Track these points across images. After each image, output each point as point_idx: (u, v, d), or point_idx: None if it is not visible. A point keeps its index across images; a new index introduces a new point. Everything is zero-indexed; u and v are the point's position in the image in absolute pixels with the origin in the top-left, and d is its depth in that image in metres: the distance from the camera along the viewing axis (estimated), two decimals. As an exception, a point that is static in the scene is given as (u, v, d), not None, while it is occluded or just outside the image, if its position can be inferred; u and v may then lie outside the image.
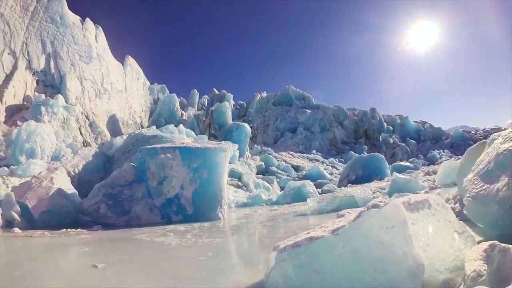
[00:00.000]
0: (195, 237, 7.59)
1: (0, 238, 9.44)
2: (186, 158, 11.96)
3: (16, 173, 18.56)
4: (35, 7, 34.02)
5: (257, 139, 51.66)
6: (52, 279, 5.03)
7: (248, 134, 36.48)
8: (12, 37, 30.81)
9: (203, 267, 4.84)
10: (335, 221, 3.20)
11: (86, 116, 33.27)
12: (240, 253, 6.36)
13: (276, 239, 6.54)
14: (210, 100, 60.17)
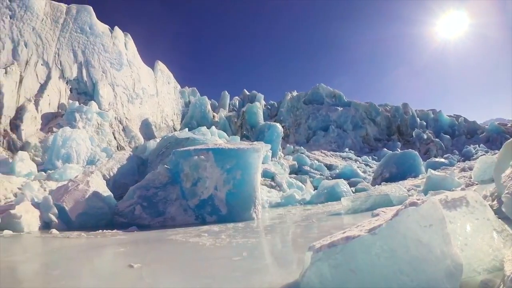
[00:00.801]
0: (229, 237, 7.58)
1: (39, 239, 9.67)
2: (220, 159, 11.95)
3: (53, 177, 19.05)
4: (65, 19, 35.16)
5: (289, 139, 51.33)
6: (89, 278, 5.11)
7: (280, 134, 36.35)
8: (44, 48, 31.89)
9: (237, 267, 4.82)
10: (371, 220, 3.14)
11: (120, 121, 33.87)
12: (274, 253, 6.30)
13: (310, 239, 6.47)
14: (241, 101, 60.21)
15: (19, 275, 5.67)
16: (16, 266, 6.26)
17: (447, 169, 23.61)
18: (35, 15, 32.40)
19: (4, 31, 29.98)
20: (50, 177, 19.35)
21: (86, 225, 11.49)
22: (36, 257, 7.25)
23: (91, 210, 11.93)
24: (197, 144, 17.21)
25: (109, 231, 10.05)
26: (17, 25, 30.99)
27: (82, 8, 36.94)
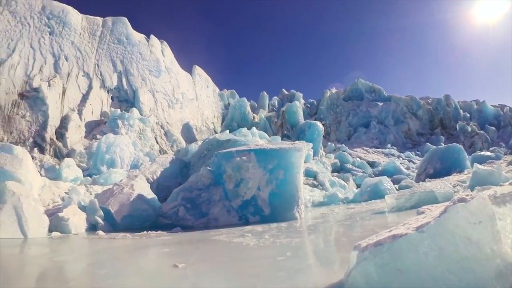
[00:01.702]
0: (273, 237, 7.53)
1: (85, 240, 9.91)
2: (262, 159, 11.92)
3: (98, 182, 19.57)
4: (102, 31, 36.59)
5: (330, 137, 50.70)
6: (134, 277, 5.17)
7: (320, 132, 36.02)
8: (84, 60, 33.18)
9: (281, 267, 4.78)
10: (418, 218, 3.05)
11: (161, 125, 34.42)
12: (318, 253, 6.25)
13: (354, 238, 6.37)
14: (280, 101, 60.01)
15: (67, 274, 5.83)
16: (64, 265, 6.44)
17: (494, 163, 22.77)
18: (72, 30, 34.00)
19: (45, 47, 31.45)
20: (96, 181, 19.90)
21: (131, 226, 11.72)
22: (83, 257, 7.43)
23: (136, 212, 12.18)
24: (239, 145, 17.24)
25: (154, 232, 10.19)
26: (57, 40, 32.49)
27: (117, 20, 38.14)
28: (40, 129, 26.99)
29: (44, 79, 29.55)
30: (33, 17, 32.52)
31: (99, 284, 4.74)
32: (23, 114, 27.16)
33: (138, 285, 4.69)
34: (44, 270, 6.16)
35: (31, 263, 6.96)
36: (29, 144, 26.04)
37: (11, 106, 27.21)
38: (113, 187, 13.20)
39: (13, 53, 29.45)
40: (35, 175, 15.95)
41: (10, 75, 28.49)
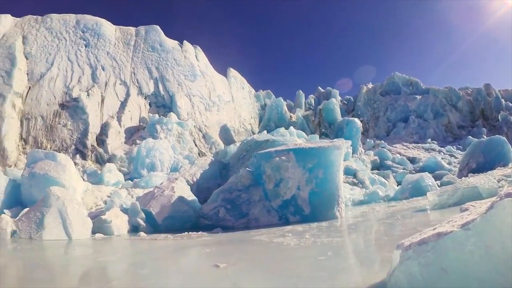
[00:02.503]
0: (314, 237, 7.47)
1: (127, 241, 10.13)
2: (301, 159, 11.82)
3: (139, 185, 19.92)
4: (135, 40, 37.48)
5: (368, 133, 49.63)
6: (176, 277, 5.24)
7: (359, 129, 35.45)
8: (120, 69, 34.14)
9: (323, 267, 4.74)
10: (463, 215, 2.95)
11: (199, 128, 34.74)
12: (359, 252, 6.17)
13: (396, 237, 6.25)
14: (316, 99, 59.38)
15: (110, 274, 5.95)
16: (108, 265, 6.58)
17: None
18: (107, 41, 35.17)
19: (82, 59, 32.65)
20: (137, 185, 20.29)
21: (172, 228, 11.86)
22: (125, 257, 7.57)
23: (176, 213, 12.34)
24: (277, 145, 17.16)
25: (195, 233, 10.30)
26: (93, 52, 33.65)
27: (150, 29, 38.90)
28: (81, 136, 27.84)
29: (83, 89, 30.59)
30: (69, 32, 33.99)
31: (142, 283, 4.82)
32: (64, 123, 28.11)
33: (180, 284, 4.74)
34: (88, 270, 6.32)
35: (76, 263, 7.16)
36: (71, 151, 26.87)
37: (52, 116, 28.28)
38: (154, 190, 13.46)
39: (52, 66, 30.77)
40: (78, 180, 16.40)
41: (50, 87, 29.69)
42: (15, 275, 6.24)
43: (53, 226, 9.98)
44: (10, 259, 7.64)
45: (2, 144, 25.08)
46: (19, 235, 10.04)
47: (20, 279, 5.79)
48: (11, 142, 25.74)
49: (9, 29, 32.05)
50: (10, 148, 25.32)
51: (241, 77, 49.14)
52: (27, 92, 28.82)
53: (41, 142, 26.93)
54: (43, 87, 29.31)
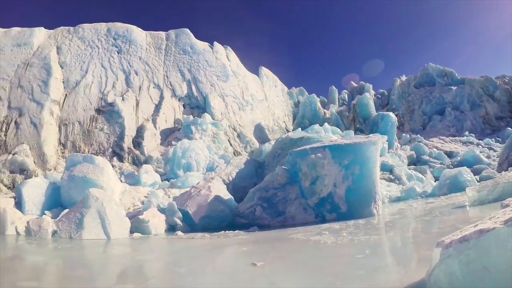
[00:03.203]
0: (351, 234, 7.37)
1: (165, 240, 10.27)
2: (337, 155, 11.66)
3: (176, 185, 20.21)
4: (166, 44, 38.25)
5: (404, 128, 48.41)
6: (213, 275, 5.27)
7: (394, 123, 34.80)
8: (153, 73, 34.95)
9: (360, 265, 4.67)
10: (506, 211, 2.86)
11: (233, 128, 34.90)
12: (397, 251, 6.09)
13: (434, 235, 6.13)
14: (350, 94, 58.64)
15: (149, 272, 6.04)
16: (146, 264, 6.68)
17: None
18: (139, 46, 36.19)
19: (115, 65, 33.80)
20: (173, 185, 20.60)
21: (208, 227, 11.99)
22: (163, 256, 7.68)
23: (213, 213, 12.46)
24: (312, 142, 17.02)
25: (231, 232, 10.33)
26: (125, 58, 34.77)
27: (180, 32, 39.51)
28: (117, 139, 28.55)
29: (117, 94, 31.57)
30: (100, 40, 35.32)
31: (179, 281, 4.88)
32: (101, 127, 28.93)
33: (217, 282, 4.77)
34: (126, 268, 6.44)
35: (114, 262, 7.32)
36: (108, 154, 27.56)
37: (89, 121, 29.28)
38: (191, 190, 13.62)
39: (86, 74, 32.06)
40: (115, 182, 16.76)
41: (86, 93, 30.87)
42: (56, 273, 6.42)
43: (92, 226, 10.25)
44: (51, 258, 7.88)
45: (42, 149, 26.07)
46: (60, 234, 10.37)
47: (61, 277, 5.95)
48: (50, 147, 26.70)
49: (43, 41, 33.78)
50: (49, 153, 26.27)
51: (273, 75, 49.12)
52: (63, 99, 30.06)
53: (79, 146, 27.79)
54: (79, 94, 30.53)
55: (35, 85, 29.70)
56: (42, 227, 10.61)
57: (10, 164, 25.08)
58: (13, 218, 11.56)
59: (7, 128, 27.37)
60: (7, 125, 27.53)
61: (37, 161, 25.85)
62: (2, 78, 30.09)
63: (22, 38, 33.06)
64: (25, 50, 32.23)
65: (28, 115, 27.83)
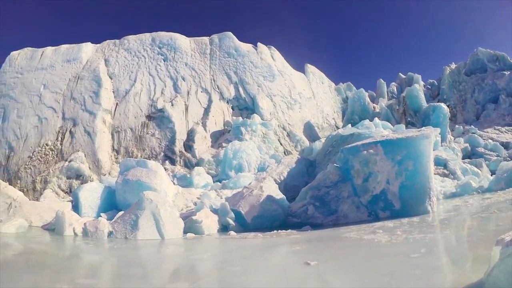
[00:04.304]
0: (405, 233, 7.22)
1: (218, 240, 10.44)
2: (389, 151, 11.39)
3: (227, 186, 20.44)
4: (211, 49, 38.84)
5: (456, 119, 46.15)
6: (266, 274, 5.30)
7: (446, 115, 33.60)
8: (200, 78, 35.74)
9: (416, 265, 4.58)
10: None
11: (283, 127, 34.93)
12: (454, 249, 5.92)
13: (492, 233, 5.96)
14: (398, 86, 57.01)
15: (203, 270, 6.17)
16: (199, 263, 6.82)
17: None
18: (184, 53, 37.14)
19: (162, 72, 34.99)
20: (225, 186, 20.85)
21: (261, 226, 12.08)
22: (216, 255, 7.80)
23: (265, 212, 12.54)
24: (363, 138, 16.70)
25: (284, 231, 10.37)
26: (172, 65, 35.83)
27: (223, 36, 39.99)
28: (169, 143, 29.32)
29: (166, 100, 32.61)
30: (146, 49, 36.77)
31: (233, 280, 4.95)
32: (152, 132, 29.85)
33: (271, 281, 4.81)
34: (180, 267, 6.61)
35: (169, 261, 7.51)
36: (160, 157, 28.35)
37: (141, 127, 30.42)
38: (243, 190, 13.80)
39: (135, 82, 33.61)
40: (168, 184, 17.17)
41: (136, 101, 32.29)
42: (112, 271, 6.68)
43: (147, 227, 10.62)
44: (108, 257, 8.19)
45: (96, 156, 27.31)
46: (115, 235, 10.82)
47: (117, 275, 6.19)
48: (104, 154, 27.92)
49: (91, 55, 36.06)
50: (103, 159, 27.46)
51: (319, 72, 48.74)
52: (115, 108, 31.73)
53: (132, 151, 28.81)
54: (129, 102, 32.02)
55: (87, 96, 31.60)
56: (99, 228, 11.08)
57: (67, 170, 26.44)
58: (71, 220, 12.16)
59: (62, 138, 29.22)
60: (62, 135, 29.41)
61: (92, 167, 27.04)
62: (55, 92, 32.58)
63: (71, 54, 35.56)
64: (75, 65, 34.65)
65: (82, 125, 29.51)
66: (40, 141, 29.85)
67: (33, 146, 29.71)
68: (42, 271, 6.14)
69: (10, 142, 30.25)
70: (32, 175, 27.81)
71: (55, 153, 28.70)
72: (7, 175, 28.40)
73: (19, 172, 28.35)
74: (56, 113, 31.13)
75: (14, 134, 30.64)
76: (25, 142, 30.10)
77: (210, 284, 4.96)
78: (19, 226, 12.21)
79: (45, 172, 27.40)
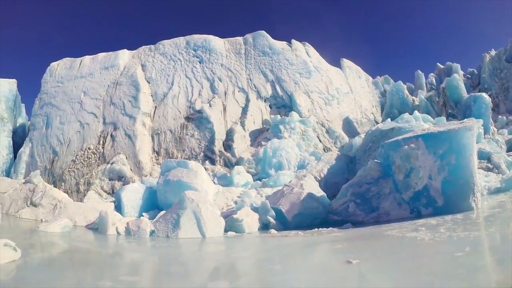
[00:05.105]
0: (449, 230, 7.03)
1: (258, 238, 10.53)
2: (431, 145, 11.01)
3: (267, 185, 20.53)
4: (245, 48, 38.78)
5: (499, 109, 44.74)
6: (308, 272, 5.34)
7: (488, 105, 32.22)
8: (236, 78, 35.85)
9: (460, 264, 4.50)
10: None
11: (322, 124, 34.66)
12: (500, 248, 5.75)
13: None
14: (437, 77, 55.39)
15: (243, 269, 6.25)
16: (240, 261, 6.91)
17: None
18: (219, 54, 37.29)
19: (199, 74, 35.44)
20: (265, 184, 20.97)
21: (301, 224, 12.12)
22: (257, 254, 7.88)
23: (306, 210, 12.56)
24: (404, 132, 16.27)
25: (324, 229, 10.37)
26: (207, 66, 36.17)
27: (256, 35, 39.87)
28: (208, 144, 29.72)
29: (204, 101, 33.01)
30: (181, 52, 37.20)
31: (274, 279, 4.99)
32: (191, 133, 30.35)
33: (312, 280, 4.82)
34: (221, 265, 6.74)
35: (210, 259, 7.66)
36: (200, 158, 28.74)
37: (180, 128, 31.14)
38: (283, 188, 13.87)
39: (173, 85, 34.23)
40: (209, 184, 17.47)
41: (174, 103, 32.96)
42: (154, 269, 6.88)
43: (188, 226, 10.88)
44: (150, 255, 8.42)
45: (137, 158, 28.10)
46: (157, 234, 11.15)
47: (158, 273, 6.35)
48: (145, 155, 28.65)
49: (128, 61, 37.16)
50: (144, 160, 28.17)
51: (356, 66, 48.12)
52: (154, 111, 32.67)
53: (172, 152, 29.46)
54: (167, 105, 32.79)
55: (126, 101, 32.69)
56: (141, 228, 11.42)
57: (109, 172, 27.26)
58: (113, 219, 12.71)
59: (104, 141, 30.43)
60: (104, 139, 30.64)
61: (133, 168, 27.76)
62: (95, 98, 33.93)
63: (109, 61, 36.85)
64: (113, 72, 35.83)
65: (122, 128, 30.52)
66: (83, 145, 31.11)
67: (76, 150, 31.05)
68: (86, 269, 6.38)
69: (54, 147, 31.82)
70: (75, 177, 28.91)
71: (97, 156, 29.74)
72: (51, 178, 29.79)
73: (63, 175, 29.59)
74: (97, 118, 32.43)
75: (57, 139, 32.20)
76: (68, 146, 31.55)
77: (250, 283, 5.01)
78: (64, 226, 12.73)
79: (88, 174, 28.37)
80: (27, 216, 15.91)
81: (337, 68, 44.42)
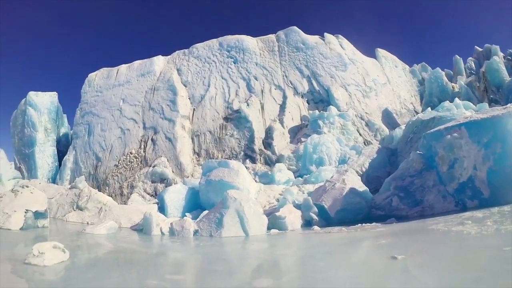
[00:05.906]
0: (496, 223, 6.82)
1: (301, 235, 10.58)
2: (474, 133, 10.59)
3: (309, 181, 20.47)
4: (278, 45, 38.89)
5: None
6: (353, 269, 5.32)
7: (533, 88, 31.40)
8: (272, 75, 36.04)
9: (509, 259, 4.36)
10: None
11: (361, 117, 34.22)
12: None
13: None
14: (476, 61, 53.64)
15: (287, 266, 6.29)
16: (284, 259, 6.97)
17: None
18: (252, 53, 37.66)
19: (234, 74, 35.93)
20: (307, 181, 20.87)
21: (344, 220, 12.08)
22: (301, 250, 7.88)
23: (348, 206, 12.54)
24: (445, 122, 15.82)
25: (368, 225, 10.27)
26: (242, 66, 36.62)
27: (288, 31, 39.83)
28: (248, 142, 29.86)
29: (242, 101, 33.36)
30: (215, 54, 37.86)
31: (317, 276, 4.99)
32: (231, 133, 30.64)
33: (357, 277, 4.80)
34: (264, 263, 6.79)
35: (253, 257, 7.71)
36: (241, 157, 28.92)
37: (219, 129, 31.58)
38: (325, 184, 13.84)
39: (209, 87, 34.91)
40: (250, 182, 17.59)
41: (212, 105, 33.55)
42: (198, 267, 7.00)
43: (231, 224, 11.09)
44: (194, 254, 8.56)
45: (178, 160, 28.68)
46: (201, 233, 11.41)
47: (203, 271, 6.46)
48: (186, 157, 29.18)
49: (163, 67, 38.38)
50: (185, 162, 28.68)
51: (391, 56, 47.15)
52: (192, 114, 33.45)
53: (212, 153, 29.83)
54: (205, 107, 33.43)
55: (164, 105, 33.69)
56: (185, 227, 11.67)
57: (151, 175, 27.93)
58: (158, 220, 13.09)
59: (145, 146, 31.45)
60: (145, 143, 31.67)
61: (175, 170, 28.27)
62: (134, 104, 35.35)
63: (144, 68, 38.28)
64: (149, 78, 37.16)
65: (162, 132, 31.38)
66: (124, 150, 32.22)
67: (118, 155, 32.21)
68: (132, 268, 6.54)
69: (97, 154, 33.24)
70: (119, 181, 29.81)
71: (139, 160, 30.55)
72: (96, 183, 31.05)
73: (106, 179, 30.65)
74: (137, 124, 33.53)
75: (99, 146, 33.63)
76: (110, 152, 32.84)
77: (294, 280, 5.02)
78: (109, 228, 13.18)
79: (131, 178, 29.13)
80: (74, 220, 16.56)
81: (373, 59, 43.77)
